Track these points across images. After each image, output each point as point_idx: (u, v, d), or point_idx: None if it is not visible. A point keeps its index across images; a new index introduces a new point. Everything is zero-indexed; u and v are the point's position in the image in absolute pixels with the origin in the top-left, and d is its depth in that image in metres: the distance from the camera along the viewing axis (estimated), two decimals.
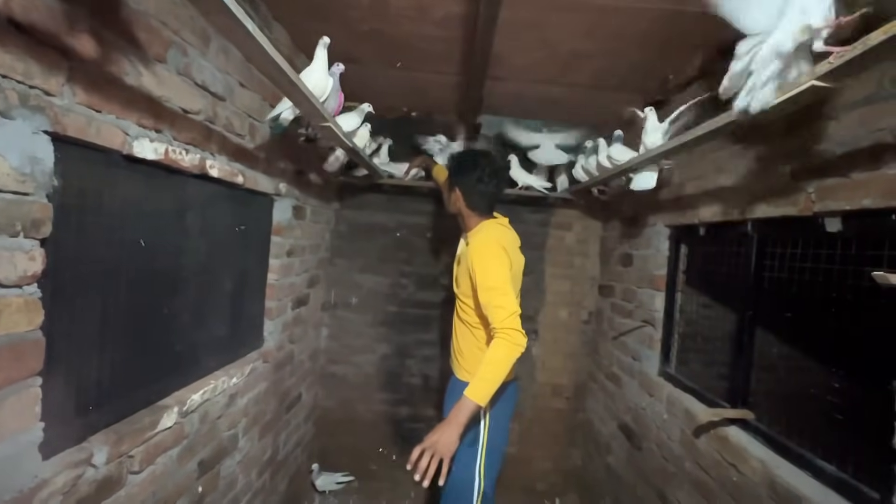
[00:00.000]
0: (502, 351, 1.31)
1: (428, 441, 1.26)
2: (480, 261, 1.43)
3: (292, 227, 1.93)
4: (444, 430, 1.27)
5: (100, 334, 0.99)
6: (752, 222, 1.30)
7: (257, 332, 1.75)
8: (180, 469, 1.24)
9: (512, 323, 1.31)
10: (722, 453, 1.30)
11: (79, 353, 0.94)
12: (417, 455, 1.24)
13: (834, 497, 0.97)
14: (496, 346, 1.32)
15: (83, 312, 0.95)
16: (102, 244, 0.98)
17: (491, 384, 1.29)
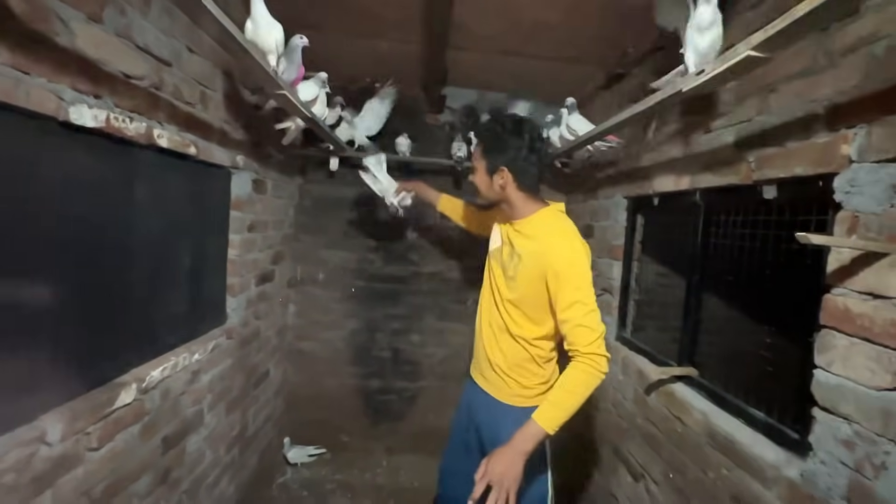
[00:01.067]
0: (587, 379, 1.12)
1: (493, 473, 1.08)
2: (570, 268, 1.17)
3: (252, 202, 1.88)
4: (510, 461, 1.09)
5: (48, 310, 0.96)
6: (699, 192, 1.36)
7: (219, 309, 1.72)
8: (143, 445, 1.24)
9: (600, 348, 1.12)
10: (669, 408, 1.40)
11: (24, 331, 0.91)
12: (482, 489, 1.07)
13: (762, 440, 1.07)
14: (581, 372, 1.12)
15: (25, 288, 0.91)
16: (44, 215, 0.93)
17: (568, 414, 1.12)
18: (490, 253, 1.41)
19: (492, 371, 1.35)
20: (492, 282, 1.37)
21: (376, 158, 1.95)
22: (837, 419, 0.84)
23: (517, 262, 1.27)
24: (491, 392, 1.36)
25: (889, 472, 0.74)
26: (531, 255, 1.24)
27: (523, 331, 1.29)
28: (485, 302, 1.41)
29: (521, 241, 1.28)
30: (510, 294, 1.29)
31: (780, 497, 0.95)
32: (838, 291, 0.86)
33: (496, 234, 1.41)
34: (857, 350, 0.81)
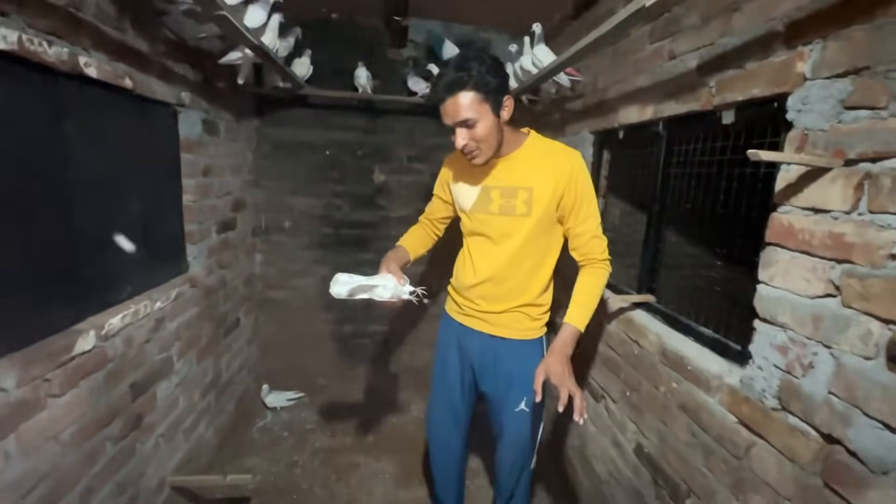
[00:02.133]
0: (604, 281, 1.25)
1: (554, 376, 1.11)
2: (587, 180, 1.23)
3: (204, 144, 1.77)
4: (563, 364, 1.13)
5: None
6: (662, 121, 1.36)
7: (179, 257, 1.66)
8: (110, 392, 1.23)
9: (608, 253, 1.26)
10: (627, 333, 1.48)
11: None
12: (567, 395, 1.07)
13: (709, 353, 1.15)
14: (600, 276, 1.24)
15: None
16: None
17: (592, 313, 1.23)
18: (470, 210, 1.32)
19: (498, 314, 1.32)
20: (488, 235, 1.30)
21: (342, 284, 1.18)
22: (775, 328, 0.91)
23: (528, 197, 1.22)
24: (497, 333, 1.34)
25: (815, 370, 0.81)
26: (544, 179, 1.21)
27: (536, 263, 1.30)
28: (484, 255, 1.31)
29: (525, 171, 1.24)
30: (524, 232, 1.24)
31: (721, 402, 1.04)
32: (784, 209, 0.90)
33: (468, 190, 1.32)
34: (796, 263, 0.86)
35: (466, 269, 1.37)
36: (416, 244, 1.45)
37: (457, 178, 1.37)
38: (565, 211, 1.24)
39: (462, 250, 1.43)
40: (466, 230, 1.38)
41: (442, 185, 1.44)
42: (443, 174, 1.44)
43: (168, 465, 1.56)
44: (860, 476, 0.72)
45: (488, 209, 1.28)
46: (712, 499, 1.06)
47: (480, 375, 1.41)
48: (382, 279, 1.16)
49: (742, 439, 0.98)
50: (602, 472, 1.62)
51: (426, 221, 1.51)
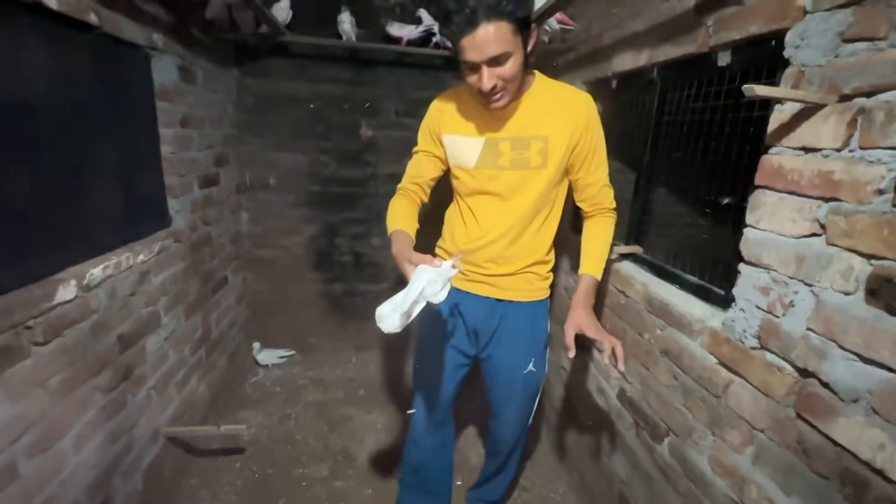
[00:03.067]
0: (613, 229, 1.24)
1: (602, 330, 1.11)
2: (600, 127, 1.17)
3: (182, 93, 1.69)
4: (590, 313, 1.13)
5: None
6: (657, 67, 1.33)
7: (161, 210, 1.62)
8: (97, 342, 1.22)
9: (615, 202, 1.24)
10: (614, 284, 1.50)
11: None
12: (610, 346, 1.07)
13: (693, 300, 1.17)
14: (610, 224, 1.24)
15: None
16: None
17: (605, 261, 1.22)
18: (475, 166, 1.16)
19: (510, 277, 1.24)
20: (497, 192, 1.17)
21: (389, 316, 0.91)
22: (759, 270, 0.92)
23: (543, 147, 1.11)
24: (506, 297, 1.26)
25: (795, 308, 0.83)
26: (560, 127, 1.11)
27: (546, 217, 1.22)
28: (491, 213, 1.19)
29: (538, 118, 1.11)
30: (540, 186, 1.15)
31: (702, 344, 1.07)
32: (775, 150, 0.89)
33: (469, 143, 1.15)
34: (784, 204, 0.86)
35: (470, 230, 1.23)
36: (412, 221, 1.15)
37: (451, 128, 1.18)
38: (578, 160, 1.16)
39: (455, 210, 1.29)
40: (466, 189, 1.21)
41: (431, 139, 1.22)
42: (430, 124, 1.21)
43: (161, 417, 1.58)
44: (830, 405, 0.75)
45: (497, 164, 1.14)
46: (689, 435, 1.11)
47: (484, 341, 1.32)
48: (420, 277, 0.88)
49: (721, 378, 1.01)
50: (586, 418, 1.68)
51: (412, 188, 1.24)
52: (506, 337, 1.29)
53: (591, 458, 1.64)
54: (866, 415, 0.70)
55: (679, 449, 1.15)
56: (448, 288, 0.90)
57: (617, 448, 1.46)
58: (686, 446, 1.12)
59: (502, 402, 1.38)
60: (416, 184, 1.25)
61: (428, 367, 1.39)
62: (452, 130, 1.19)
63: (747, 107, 1.04)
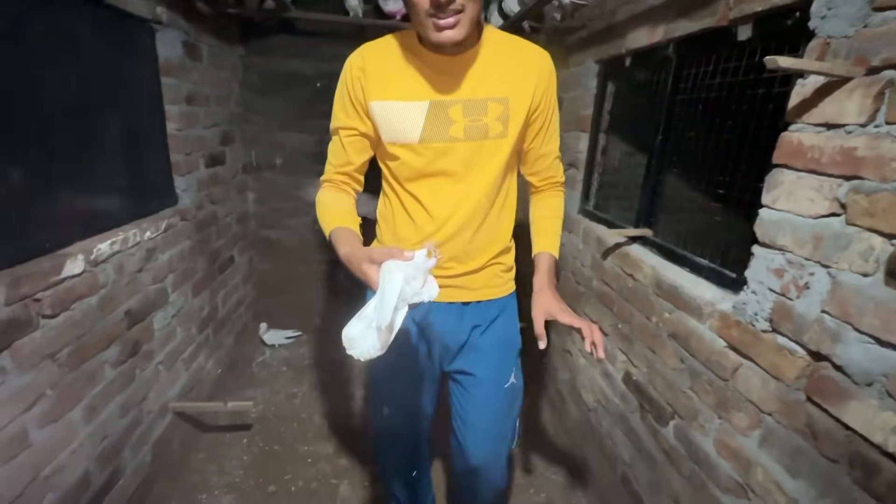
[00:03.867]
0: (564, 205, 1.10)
1: (574, 314, 0.93)
2: (554, 89, 0.97)
3: (187, 69, 1.67)
4: (555, 296, 0.96)
5: None
6: (673, 43, 1.28)
7: (167, 188, 1.61)
8: (104, 317, 1.23)
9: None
10: (622, 267, 1.48)
11: None
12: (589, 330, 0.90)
13: (703, 282, 1.15)
14: (562, 200, 1.09)
15: None
16: None
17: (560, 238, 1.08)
18: (420, 139, 0.89)
19: (477, 274, 1.02)
20: (449, 171, 0.92)
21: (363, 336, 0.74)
22: (773, 251, 0.89)
23: (503, 111, 0.90)
24: (476, 297, 1.04)
25: (810, 290, 0.81)
26: (520, 86, 0.91)
27: (506, 196, 1.02)
28: (444, 200, 0.94)
29: (495, 76, 0.89)
30: (500, 159, 0.93)
31: (712, 327, 1.05)
32: (795, 127, 0.85)
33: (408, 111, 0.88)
34: (802, 183, 0.83)
35: (420, 225, 0.96)
36: (352, 216, 0.94)
37: (381, 91, 0.88)
38: (534, 127, 0.97)
39: (391, 203, 0.99)
40: (410, 172, 0.93)
41: (354, 110, 0.91)
42: (350, 90, 0.90)
43: (169, 392, 1.60)
44: (843, 388, 0.74)
45: (448, 134, 0.89)
46: (695, 418, 1.10)
47: (455, 355, 1.08)
48: (392, 276, 0.66)
49: (729, 362, 1.00)
50: (590, 400, 1.69)
51: (341, 179, 0.98)
52: (480, 347, 1.06)
53: (594, 440, 1.65)
54: (880, 398, 0.68)
55: (684, 431, 1.15)
56: (432, 283, 0.69)
57: (620, 431, 1.46)
58: (691, 429, 1.12)
59: (479, 417, 1.10)
60: (345, 173, 0.98)
61: (395, 403, 1.13)
62: (384, 95, 0.88)
63: (766, 83, 1.00)
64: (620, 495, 1.45)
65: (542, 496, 1.67)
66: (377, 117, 0.90)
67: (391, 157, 0.94)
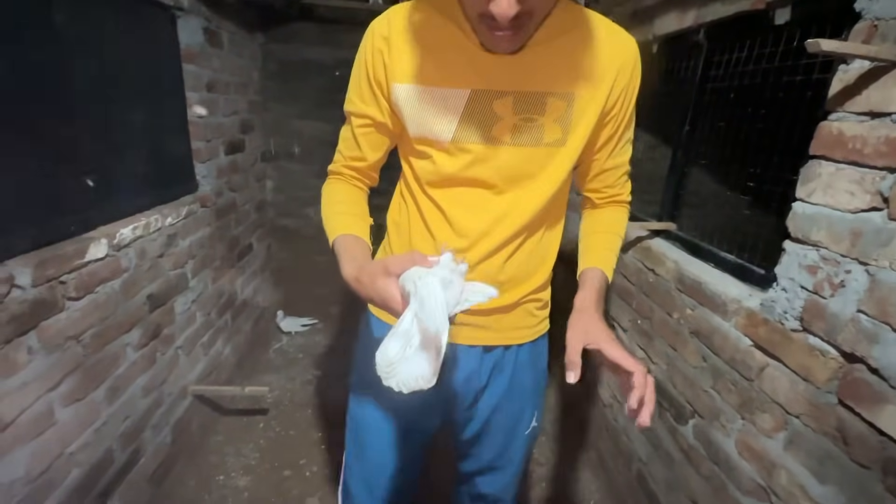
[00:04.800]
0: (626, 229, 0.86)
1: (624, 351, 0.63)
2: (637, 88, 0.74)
3: (207, 56, 1.68)
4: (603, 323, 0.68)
5: None
6: (704, 28, 1.23)
7: (188, 175, 1.63)
8: (127, 300, 1.25)
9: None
10: (644, 262, 1.45)
11: None
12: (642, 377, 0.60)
13: (729, 279, 1.11)
14: (626, 217, 0.87)
15: None
16: None
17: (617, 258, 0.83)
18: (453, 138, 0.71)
19: (508, 312, 0.83)
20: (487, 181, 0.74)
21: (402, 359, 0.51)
22: (806, 247, 0.85)
23: (564, 110, 0.69)
24: (504, 341, 0.85)
25: (846, 288, 0.77)
26: (594, 78, 0.69)
27: (556, 218, 0.83)
28: (477, 215, 0.75)
29: (560, 63, 0.68)
30: (557, 174, 0.73)
31: (737, 325, 1.02)
32: (835, 116, 0.81)
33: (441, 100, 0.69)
34: (842, 175, 0.79)
35: (441, 240, 0.77)
36: (363, 219, 0.78)
37: (408, 72, 0.69)
38: (605, 133, 0.75)
39: (408, 208, 0.81)
40: (437, 175, 0.74)
41: (372, 93, 0.73)
42: (370, 65, 0.72)
43: (189, 376, 1.63)
44: (879, 391, 0.70)
45: (491, 134, 0.70)
46: (717, 418, 1.07)
47: (467, 402, 0.88)
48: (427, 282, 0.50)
49: (755, 361, 0.96)
50: (606, 396, 1.66)
51: (353, 175, 0.83)
52: (502, 394, 0.88)
53: (609, 436, 1.62)
54: None
55: (704, 431, 1.12)
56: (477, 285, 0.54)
57: (637, 428, 1.44)
58: (712, 429, 1.09)
59: (490, 465, 0.96)
60: (356, 169, 0.81)
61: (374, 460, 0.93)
62: (411, 77, 0.69)
63: (805, 70, 0.95)
64: (635, 493, 1.43)
65: (555, 490, 1.66)
66: (400, 104, 0.71)
67: (417, 156, 0.75)
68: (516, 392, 0.89)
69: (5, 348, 0.87)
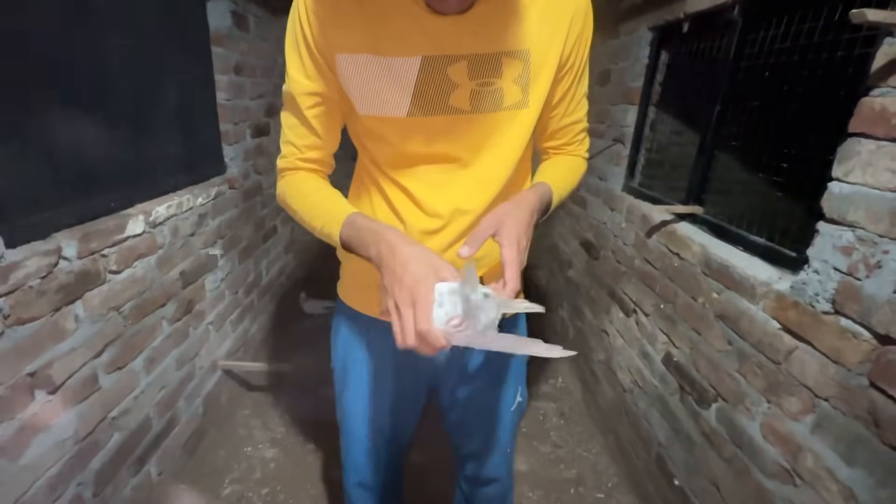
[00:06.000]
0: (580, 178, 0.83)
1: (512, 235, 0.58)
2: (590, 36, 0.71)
3: (235, 39, 1.71)
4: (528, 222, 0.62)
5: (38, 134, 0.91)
6: (739, 4, 1.19)
7: (217, 156, 1.68)
8: (162, 275, 1.30)
9: None
10: (668, 246, 1.43)
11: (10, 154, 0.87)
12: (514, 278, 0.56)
13: (758, 262, 1.09)
14: (583, 167, 0.83)
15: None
16: None
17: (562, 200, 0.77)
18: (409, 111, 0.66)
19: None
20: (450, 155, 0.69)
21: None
22: (842, 228, 0.83)
23: (522, 69, 0.66)
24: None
25: (882, 269, 0.75)
26: (547, 29, 0.66)
27: (524, 183, 0.79)
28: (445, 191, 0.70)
29: (511, 19, 0.64)
30: (520, 136, 0.70)
31: (765, 308, 1.00)
32: (878, 92, 0.78)
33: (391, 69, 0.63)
34: (883, 153, 0.76)
35: (413, 226, 0.71)
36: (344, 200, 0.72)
37: (351, 40, 0.63)
38: (562, 85, 0.72)
39: (371, 194, 0.75)
40: (396, 157, 0.70)
41: (315, 65, 0.65)
42: (306, 34, 0.63)
43: (218, 351, 1.70)
44: None
45: (448, 104, 0.66)
46: (741, 402, 1.06)
47: (451, 380, 0.89)
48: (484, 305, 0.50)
49: (783, 344, 0.95)
50: (626, 381, 1.66)
51: (313, 168, 0.73)
52: (484, 370, 0.87)
53: (629, 420, 1.62)
54: None
55: (727, 415, 1.11)
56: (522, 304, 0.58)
57: (657, 412, 1.44)
58: (736, 412, 1.08)
59: (482, 448, 0.96)
60: (314, 160, 0.72)
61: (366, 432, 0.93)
62: (355, 47, 0.63)
63: (846, 45, 0.91)
64: (654, 476, 1.43)
65: (573, 472, 1.68)
66: (348, 79, 0.64)
67: (372, 136, 0.69)
68: (497, 370, 0.88)
69: (55, 315, 0.93)
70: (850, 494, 0.79)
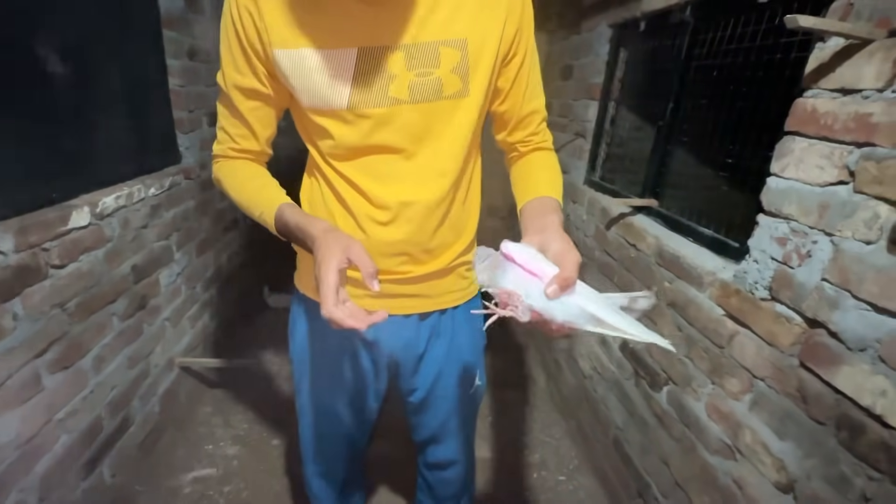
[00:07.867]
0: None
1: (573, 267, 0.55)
2: (531, 24, 0.72)
3: (188, 22, 1.63)
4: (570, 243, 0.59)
5: None
6: (691, 6, 1.24)
7: (171, 145, 1.60)
8: (111, 270, 1.24)
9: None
10: (626, 237, 1.49)
11: None
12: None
13: (706, 252, 1.16)
14: (557, 159, 0.81)
15: None
16: None
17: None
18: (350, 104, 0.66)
19: (441, 277, 0.81)
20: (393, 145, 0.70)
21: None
22: (778, 220, 0.89)
23: (460, 59, 0.66)
24: (439, 306, 0.85)
25: (812, 258, 0.82)
26: (485, 18, 0.66)
27: (472, 173, 0.80)
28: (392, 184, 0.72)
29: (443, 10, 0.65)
30: (465, 126, 0.71)
31: (711, 296, 1.07)
32: (810, 93, 0.84)
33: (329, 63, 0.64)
34: (813, 150, 0.82)
35: (363, 219, 0.73)
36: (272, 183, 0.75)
37: (286, 36, 0.63)
38: (510, 74, 0.72)
39: (322, 187, 0.76)
40: (341, 149, 0.70)
41: (248, 63, 0.66)
42: (241, 32, 0.64)
43: (176, 348, 1.64)
44: (836, 354, 0.75)
45: (387, 95, 0.66)
46: (689, 384, 1.13)
47: (408, 371, 0.91)
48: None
49: (726, 329, 1.01)
50: (586, 368, 1.72)
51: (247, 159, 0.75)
52: (443, 359, 0.89)
53: (589, 406, 1.69)
54: (872, 363, 0.70)
55: (677, 397, 1.18)
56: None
57: (615, 396, 1.50)
58: (684, 394, 1.15)
59: (440, 431, 0.99)
60: (247, 151, 0.74)
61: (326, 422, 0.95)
62: (292, 41, 0.63)
63: (785, 49, 0.97)
64: (612, 457, 1.50)
65: (536, 457, 1.73)
66: (288, 74, 0.65)
67: (315, 128, 0.70)
68: (455, 354, 0.90)
69: None
70: (781, 466, 0.86)
